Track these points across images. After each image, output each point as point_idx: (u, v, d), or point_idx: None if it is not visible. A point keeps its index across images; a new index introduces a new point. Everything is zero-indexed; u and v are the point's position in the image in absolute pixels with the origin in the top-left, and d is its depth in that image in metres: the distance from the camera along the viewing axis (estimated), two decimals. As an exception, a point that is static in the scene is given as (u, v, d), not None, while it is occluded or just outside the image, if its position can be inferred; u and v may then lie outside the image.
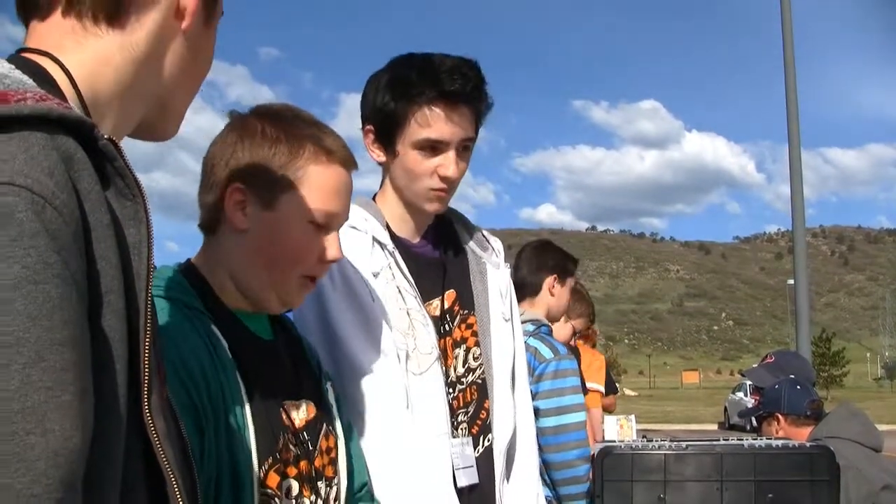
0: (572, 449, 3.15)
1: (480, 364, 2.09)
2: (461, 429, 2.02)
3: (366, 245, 1.94)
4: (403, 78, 1.93)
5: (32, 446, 0.66)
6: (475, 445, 2.04)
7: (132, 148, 1.04)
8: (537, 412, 3.16)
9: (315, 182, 1.49)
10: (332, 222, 1.52)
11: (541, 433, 2.99)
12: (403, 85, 1.92)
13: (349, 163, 1.55)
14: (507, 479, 2.13)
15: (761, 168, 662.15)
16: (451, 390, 2.01)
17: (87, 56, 0.91)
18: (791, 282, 15.75)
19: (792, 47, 12.44)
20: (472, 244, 2.21)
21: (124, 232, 0.83)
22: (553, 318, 3.66)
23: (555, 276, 3.64)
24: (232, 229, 1.50)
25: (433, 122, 1.92)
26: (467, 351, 2.08)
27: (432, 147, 1.94)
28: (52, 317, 0.69)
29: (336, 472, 1.59)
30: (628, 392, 72.82)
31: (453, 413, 2.01)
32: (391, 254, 1.97)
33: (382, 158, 2.02)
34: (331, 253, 1.53)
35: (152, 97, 0.99)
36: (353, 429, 1.74)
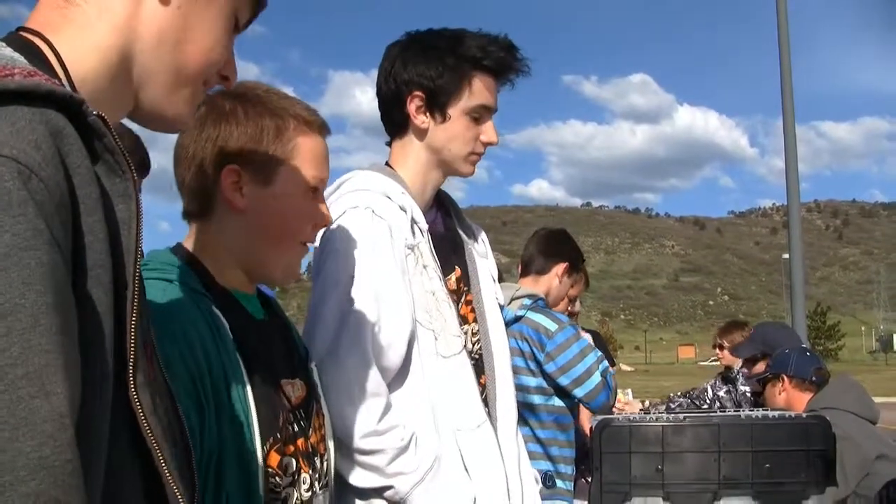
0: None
1: (478, 339, 2.12)
2: None
3: (405, 219, 1.98)
4: (461, 48, 2.04)
5: (38, 409, 0.67)
6: None
7: (122, 127, 1.04)
8: (561, 389, 3.24)
9: (305, 152, 1.54)
10: (321, 187, 1.60)
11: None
12: (462, 54, 2.04)
13: (326, 129, 1.60)
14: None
15: (754, 142, 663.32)
16: None
17: (72, 31, 0.91)
18: (786, 256, 15.77)
19: (786, 20, 12.35)
20: (461, 228, 2.27)
21: (114, 207, 0.83)
22: (550, 305, 3.68)
23: (567, 264, 3.67)
24: (229, 210, 1.51)
25: (487, 89, 2.07)
26: (468, 327, 2.11)
27: (480, 114, 2.07)
28: (45, 282, 0.69)
29: (326, 449, 1.62)
30: (624, 367, 73.17)
31: None
32: (423, 232, 2.02)
33: (426, 125, 2.07)
34: (324, 217, 1.61)
35: (139, 75, 0.98)
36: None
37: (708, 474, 2.52)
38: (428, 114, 2.07)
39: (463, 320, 2.08)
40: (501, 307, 2.29)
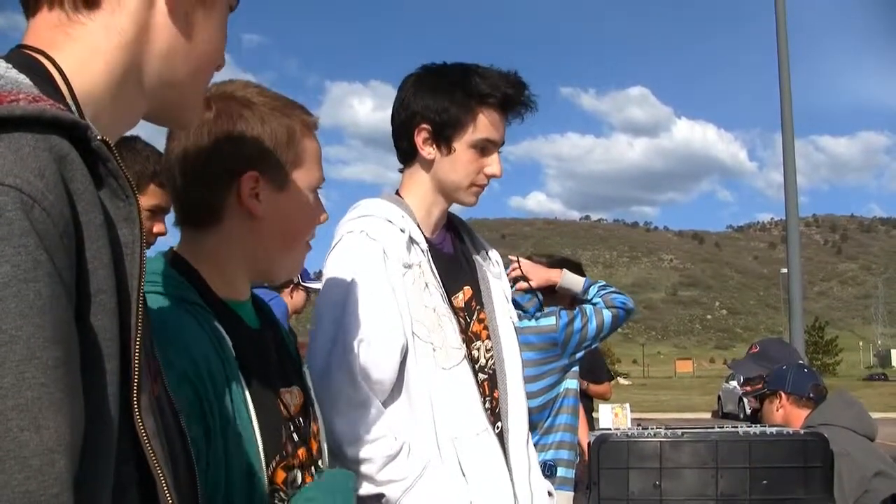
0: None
1: (491, 356, 2.20)
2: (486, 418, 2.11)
3: (402, 240, 2.05)
4: (468, 84, 2.11)
5: (26, 443, 0.66)
6: None
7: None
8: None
9: (311, 154, 1.54)
10: (320, 186, 1.60)
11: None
12: (469, 90, 2.11)
13: (317, 127, 1.60)
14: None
15: (753, 156, 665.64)
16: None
17: (77, 48, 0.90)
18: (784, 271, 15.77)
19: (785, 34, 12.36)
20: (474, 250, 2.35)
21: (117, 232, 0.82)
22: None
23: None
24: (244, 218, 1.47)
25: (492, 124, 2.14)
26: (481, 343, 2.20)
27: (485, 147, 2.14)
28: (43, 315, 0.68)
29: (322, 453, 1.62)
30: (622, 381, 73.10)
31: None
32: (424, 252, 2.09)
33: (433, 156, 2.15)
34: (323, 216, 1.62)
35: (153, 85, 0.97)
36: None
37: (706, 490, 2.52)
38: (434, 146, 2.14)
39: (476, 337, 2.17)
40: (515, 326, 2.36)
